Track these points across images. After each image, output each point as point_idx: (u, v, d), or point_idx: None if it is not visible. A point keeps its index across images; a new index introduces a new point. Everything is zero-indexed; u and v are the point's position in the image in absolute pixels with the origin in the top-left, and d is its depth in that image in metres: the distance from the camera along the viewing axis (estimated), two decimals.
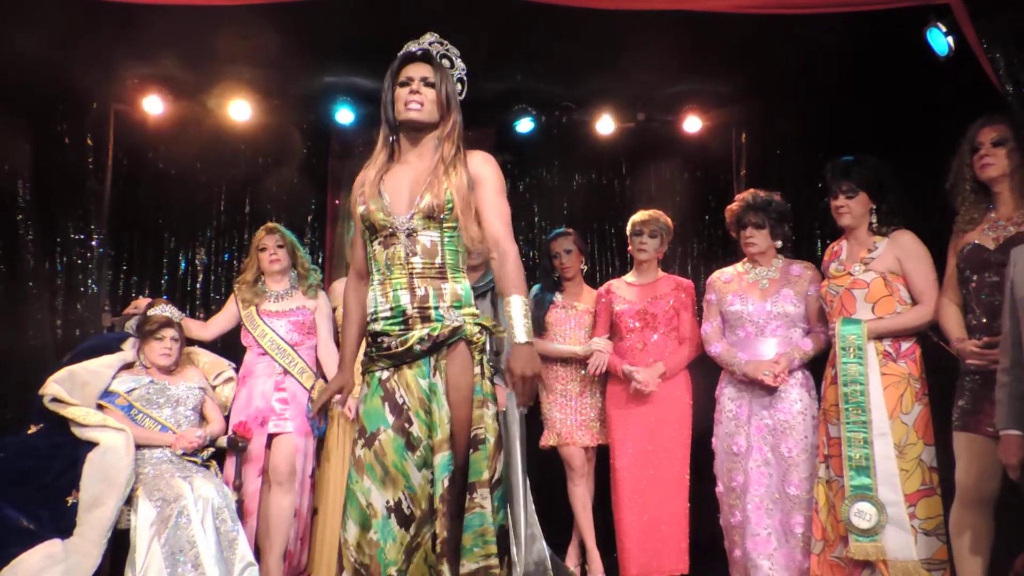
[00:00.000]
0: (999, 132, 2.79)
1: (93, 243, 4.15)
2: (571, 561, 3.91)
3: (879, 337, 3.01)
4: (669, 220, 3.85)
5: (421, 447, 2.25)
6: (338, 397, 2.53)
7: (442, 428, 2.23)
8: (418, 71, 2.40)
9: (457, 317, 2.31)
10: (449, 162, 2.36)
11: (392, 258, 2.32)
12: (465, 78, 2.49)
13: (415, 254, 2.31)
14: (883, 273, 3.05)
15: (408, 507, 2.23)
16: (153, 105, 4.30)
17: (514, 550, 3.53)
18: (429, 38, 2.46)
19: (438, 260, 2.33)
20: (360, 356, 2.46)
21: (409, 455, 2.25)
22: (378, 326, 2.32)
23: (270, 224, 3.92)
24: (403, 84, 2.40)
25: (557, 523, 3.96)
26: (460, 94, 2.48)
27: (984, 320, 2.76)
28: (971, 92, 2.91)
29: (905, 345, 3.02)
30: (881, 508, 2.88)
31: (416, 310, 2.29)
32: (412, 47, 2.45)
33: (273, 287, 3.85)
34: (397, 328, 2.30)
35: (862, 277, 3.08)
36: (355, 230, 2.49)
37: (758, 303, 3.39)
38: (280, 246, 3.83)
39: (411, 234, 2.32)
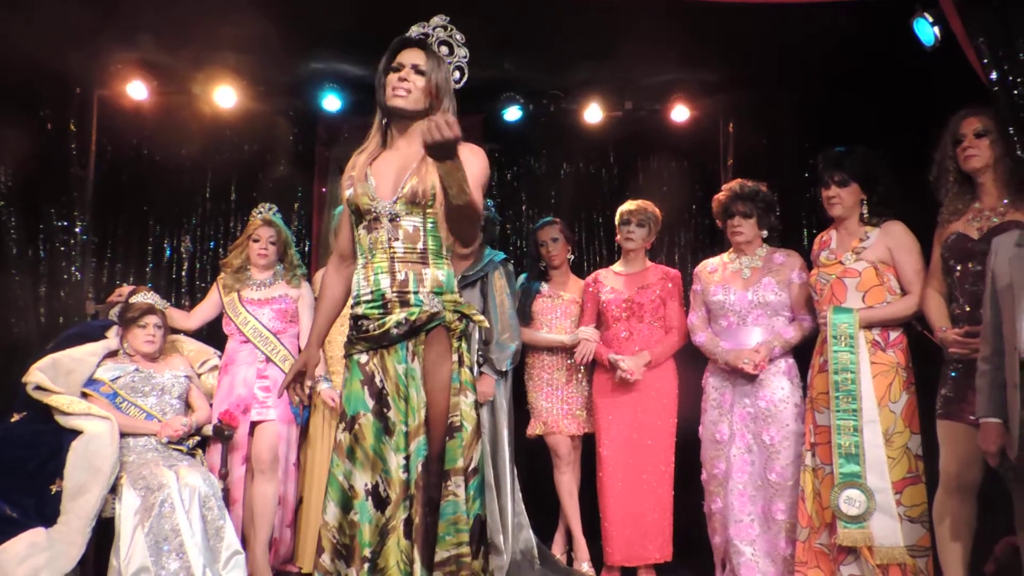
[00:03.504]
0: (981, 123, 2.81)
1: (76, 230, 4.12)
2: (557, 548, 3.93)
3: (868, 326, 3.03)
4: (657, 210, 3.86)
5: (397, 432, 2.25)
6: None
7: (418, 414, 2.24)
8: (410, 58, 2.39)
9: (436, 303, 2.31)
10: None
11: (375, 242, 2.33)
12: (465, 66, 2.47)
13: (397, 239, 2.31)
14: (874, 263, 3.08)
15: (384, 490, 2.24)
16: (137, 90, 4.24)
17: (500, 538, 3.54)
18: (437, 21, 2.44)
19: (420, 245, 2.33)
20: (338, 338, 2.46)
21: (387, 439, 2.26)
22: (360, 309, 2.33)
23: (268, 216, 3.86)
24: (394, 69, 2.39)
25: (543, 511, 3.97)
26: (459, 82, 2.47)
27: (968, 309, 2.78)
28: (959, 82, 2.92)
29: (893, 334, 3.05)
30: (870, 495, 2.91)
31: (395, 294, 2.29)
32: (414, 31, 2.44)
33: (257, 276, 3.83)
34: (377, 312, 2.30)
35: (853, 266, 3.10)
36: (343, 213, 2.49)
37: (740, 292, 3.41)
38: (272, 242, 3.81)
39: (394, 219, 2.32)
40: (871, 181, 3.13)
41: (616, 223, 3.87)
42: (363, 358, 2.32)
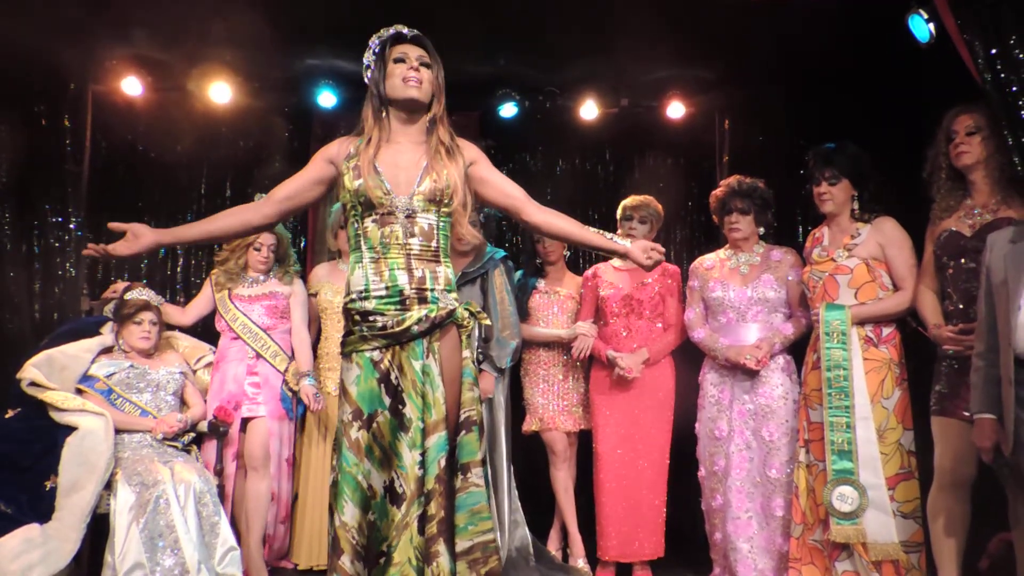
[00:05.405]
0: (973, 120, 2.82)
1: (71, 226, 4.10)
2: (553, 545, 3.93)
3: (861, 323, 3.04)
4: (660, 206, 3.85)
5: (413, 428, 2.27)
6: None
7: (437, 409, 2.26)
8: (413, 51, 2.40)
9: (451, 300, 2.35)
10: (448, 147, 2.38)
11: (389, 237, 2.31)
12: None
13: (413, 235, 2.32)
14: (866, 259, 3.09)
15: (400, 486, 2.26)
16: (131, 86, 4.23)
17: (497, 534, 3.54)
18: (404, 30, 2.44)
19: (434, 243, 2.35)
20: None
21: (402, 435, 2.27)
22: (370, 305, 2.31)
23: None
24: (399, 60, 2.39)
25: (539, 507, 3.97)
26: None
27: (960, 306, 2.79)
28: (954, 79, 2.93)
29: (886, 331, 3.06)
30: (863, 492, 2.92)
31: (414, 291, 2.30)
32: (393, 30, 2.44)
33: (252, 274, 3.81)
34: (393, 308, 2.30)
35: (845, 263, 3.11)
36: (304, 179, 2.43)
37: (739, 289, 3.41)
38: (273, 251, 3.78)
39: (410, 215, 2.32)
40: (862, 177, 3.15)
41: (617, 218, 3.85)
42: (376, 355, 2.31)
